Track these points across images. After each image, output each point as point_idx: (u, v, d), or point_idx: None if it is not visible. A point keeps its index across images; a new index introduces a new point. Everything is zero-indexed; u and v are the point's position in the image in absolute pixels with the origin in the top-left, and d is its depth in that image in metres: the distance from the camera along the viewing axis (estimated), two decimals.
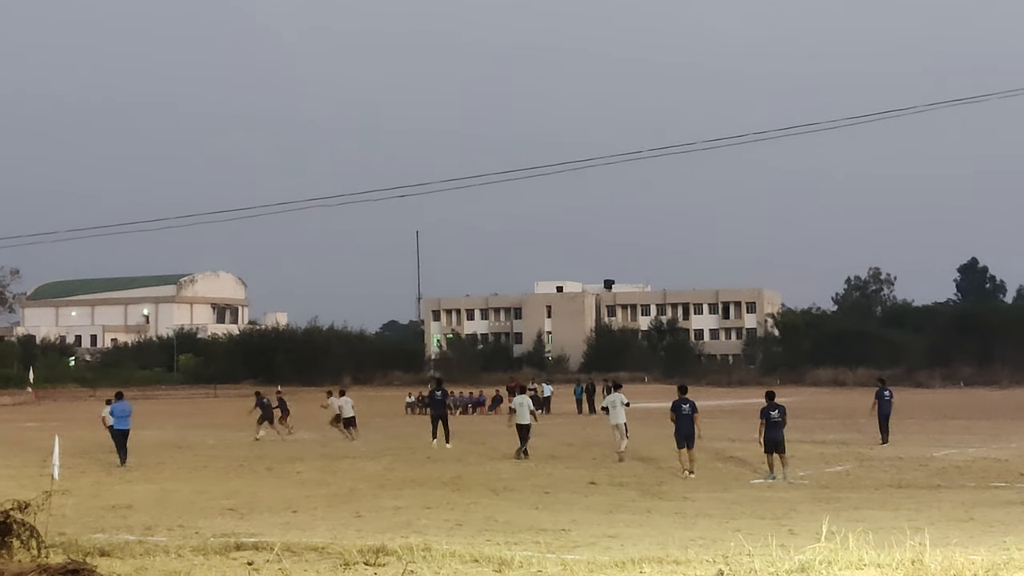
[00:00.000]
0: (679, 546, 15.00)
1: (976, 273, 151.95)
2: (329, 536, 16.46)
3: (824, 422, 48.13)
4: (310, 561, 13.89)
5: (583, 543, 15.96)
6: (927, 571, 11.10)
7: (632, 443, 32.52)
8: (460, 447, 35.51)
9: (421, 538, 15.83)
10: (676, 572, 12.10)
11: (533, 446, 33.00)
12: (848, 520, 16.64)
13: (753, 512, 19.69)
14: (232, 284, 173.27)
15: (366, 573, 13.03)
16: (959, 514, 19.09)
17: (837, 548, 12.40)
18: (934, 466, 28.25)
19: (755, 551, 12.79)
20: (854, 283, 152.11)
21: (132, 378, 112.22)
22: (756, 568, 11.85)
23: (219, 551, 14.80)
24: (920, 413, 57.15)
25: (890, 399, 36.19)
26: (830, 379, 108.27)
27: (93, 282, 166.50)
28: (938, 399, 78.83)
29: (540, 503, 21.41)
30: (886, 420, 35.56)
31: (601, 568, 12.59)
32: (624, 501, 21.64)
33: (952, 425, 46.40)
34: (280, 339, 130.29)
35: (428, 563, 13.19)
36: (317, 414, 45.77)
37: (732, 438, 37.07)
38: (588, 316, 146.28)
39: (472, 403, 66.97)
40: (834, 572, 11.44)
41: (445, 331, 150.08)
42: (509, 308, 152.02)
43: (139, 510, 20.82)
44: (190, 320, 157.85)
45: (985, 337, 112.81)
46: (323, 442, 39.01)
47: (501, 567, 12.95)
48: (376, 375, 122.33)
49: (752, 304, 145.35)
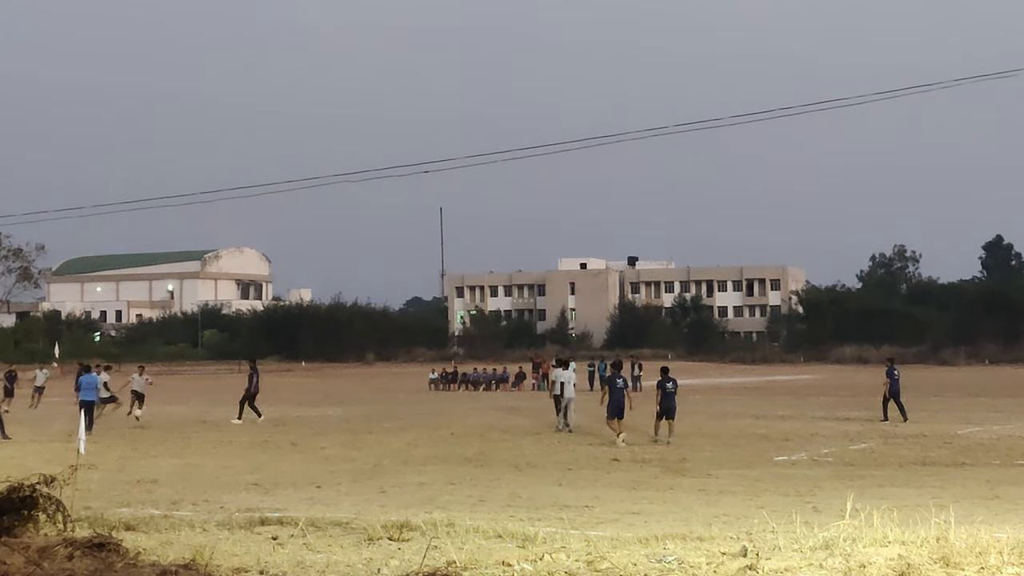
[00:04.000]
0: (702, 523, 14.99)
1: (1001, 250, 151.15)
2: (353, 511, 16.51)
3: (847, 399, 47.99)
4: (334, 536, 13.92)
5: (606, 519, 15.96)
6: (952, 549, 11.05)
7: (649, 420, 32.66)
8: (482, 423, 35.55)
9: (444, 514, 15.86)
10: (700, 548, 12.08)
11: (552, 422, 33.00)
12: (872, 498, 16.59)
13: (777, 489, 19.66)
14: (256, 260, 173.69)
15: (390, 548, 13.06)
16: (984, 492, 19.02)
17: (861, 525, 12.37)
18: (959, 444, 28.15)
19: (779, 528, 12.75)
20: (879, 260, 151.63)
21: (156, 353, 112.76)
22: (780, 545, 11.82)
23: (244, 526, 14.86)
24: (945, 391, 56.96)
25: (898, 378, 36.07)
26: (854, 356, 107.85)
27: (118, 258, 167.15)
28: (963, 377, 78.52)
29: (563, 479, 21.42)
30: (898, 398, 35.52)
31: (624, 544, 12.58)
32: (647, 478, 21.63)
33: (977, 403, 46.22)
34: (304, 315, 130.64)
35: (452, 538, 13.21)
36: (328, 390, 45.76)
37: (756, 415, 37.02)
38: (612, 293, 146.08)
39: (495, 379, 67.07)
40: (858, 549, 11.40)
41: (469, 308, 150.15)
42: (532, 285, 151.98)
43: (164, 485, 20.92)
44: (214, 296, 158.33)
45: (1010, 314, 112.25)
46: (347, 418, 39.11)
47: (524, 543, 12.96)
48: (400, 351, 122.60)
49: (776, 281, 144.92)
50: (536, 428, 33.61)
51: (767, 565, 10.93)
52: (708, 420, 36.32)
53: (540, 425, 34.68)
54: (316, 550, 12.98)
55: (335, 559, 12.39)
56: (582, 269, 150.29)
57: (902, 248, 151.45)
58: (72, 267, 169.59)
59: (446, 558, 11.86)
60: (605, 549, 12.22)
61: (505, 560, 11.74)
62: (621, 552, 12.02)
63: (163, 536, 14.03)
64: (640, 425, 29.74)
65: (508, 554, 12.13)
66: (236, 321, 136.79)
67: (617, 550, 12.17)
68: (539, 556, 11.97)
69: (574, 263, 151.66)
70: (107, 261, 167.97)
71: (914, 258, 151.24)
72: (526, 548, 12.60)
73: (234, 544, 13.36)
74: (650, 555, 11.79)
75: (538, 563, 11.64)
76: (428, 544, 12.53)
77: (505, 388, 65.05)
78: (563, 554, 12.08)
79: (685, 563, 11.33)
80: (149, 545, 13.06)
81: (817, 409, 41.42)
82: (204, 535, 14.07)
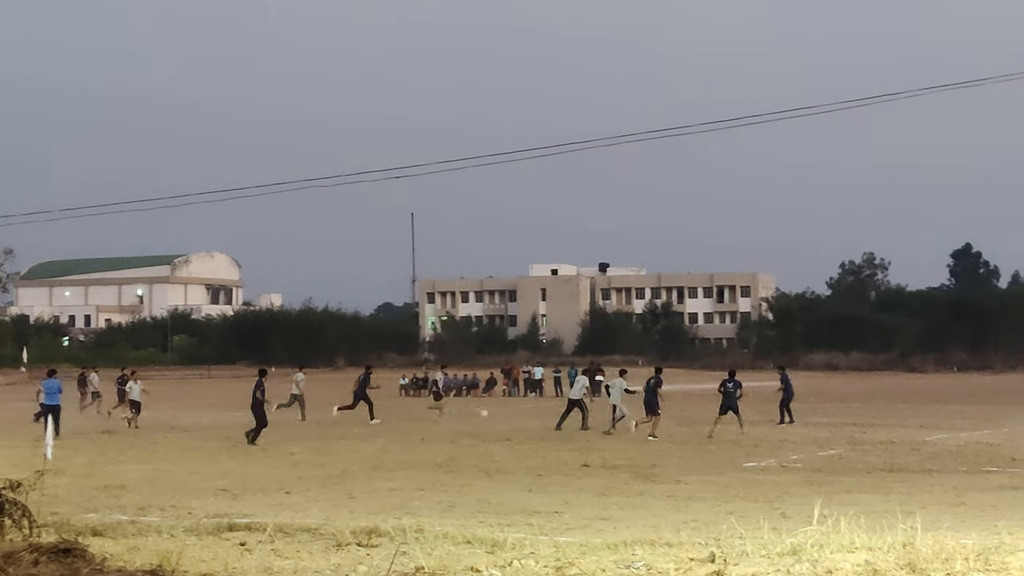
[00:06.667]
0: (671, 528, 15.01)
1: (970, 258, 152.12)
2: (322, 517, 16.46)
3: (817, 406, 48.15)
4: (303, 542, 13.88)
5: (576, 525, 15.97)
6: (918, 555, 11.10)
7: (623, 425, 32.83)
8: (453, 429, 35.52)
9: (414, 519, 15.84)
10: (668, 554, 12.10)
11: (523, 428, 33.04)
12: (840, 503, 16.65)
13: (746, 495, 19.72)
14: (226, 265, 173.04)
15: (359, 554, 13.03)
16: (951, 498, 19.12)
17: (829, 531, 12.41)
18: (926, 450, 28.30)
19: (747, 534, 12.80)
20: (848, 267, 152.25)
21: (126, 358, 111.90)
22: (748, 551, 11.85)
23: (211, 531, 14.80)
24: (913, 397, 57.30)
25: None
26: (823, 363, 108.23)
27: (87, 262, 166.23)
28: (931, 384, 78.97)
29: (533, 485, 21.43)
30: (788, 403, 37.28)
31: (593, 550, 12.59)
32: (617, 483, 21.65)
33: (945, 410, 46.49)
34: (274, 320, 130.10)
35: (421, 544, 13.19)
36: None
37: (726, 421, 37.08)
38: (583, 299, 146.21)
39: (466, 385, 67.02)
40: (825, 555, 11.45)
41: (440, 313, 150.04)
42: (504, 291, 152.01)
43: (132, 490, 20.81)
44: (184, 301, 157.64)
45: (978, 322, 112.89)
46: (317, 423, 39.00)
47: (494, 549, 12.96)
48: (370, 357, 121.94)
49: (746, 288, 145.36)
50: (507, 434, 33.59)
51: (735, 571, 10.96)
52: (678, 426, 36.41)
53: (511, 431, 34.67)
54: (284, 556, 12.93)
55: (303, 565, 12.35)
56: (553, 275, 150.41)
57: (871, 255, 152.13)
58: (41, 271, 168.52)
59: (415, 564, 11.84)
60: (574, 555, 12.23)
61: (474, 566, 11.73)
62: (590, 558, 12.04)
63: (130, 542, 13.95)
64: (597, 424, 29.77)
65: (477, 560, 12.13)
66: (206, 326, 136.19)
67: (586, 556, 12.18)
68: (508, 562, 11.97)
69: (545, 269, 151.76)
70: (76, 265, 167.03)
71: (883, 265, 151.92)
72: (495, 554, 12.60)
73: (201, 550, 13.30)
74: (619, 561, 11.81)
75: (507, 569, 11.64)
76: (397, 550, 12.50)
77: (476, 394, 65.02)
78: (532, 560, 12.08)
79: (653, 569, 11.35)
80: (116, 551, 12.98)
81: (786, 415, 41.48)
82: (171, 541, 14.00)
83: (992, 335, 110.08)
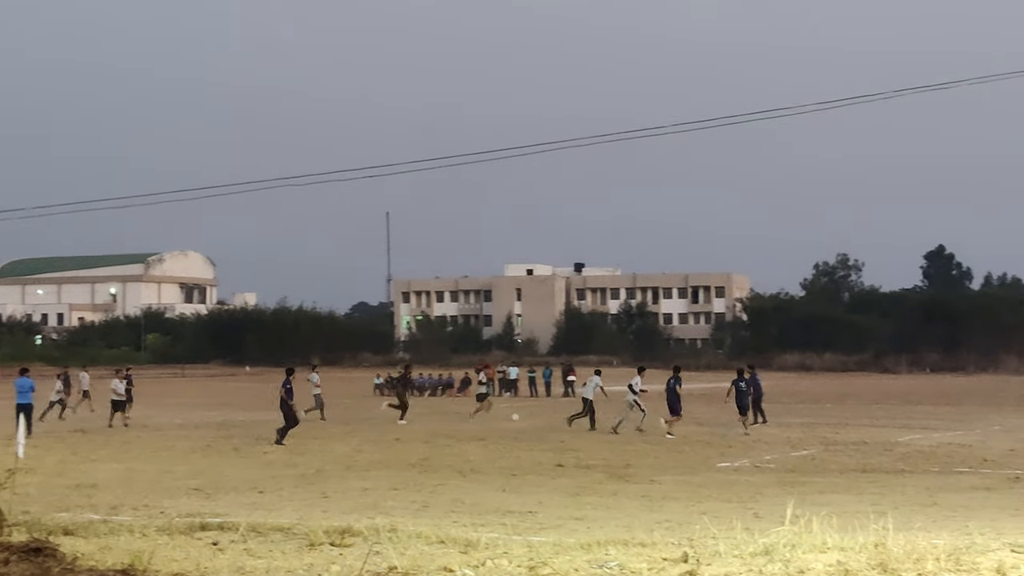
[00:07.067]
0: (645, 529, 15.02)
1: (943, 260, 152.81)
2: (295, 516, 16.42)
3: (791, 406, 48.33)
4: (275, 541, 13.84)
5: (549, 525, 15.98)
6: (890, 555, 11.14)
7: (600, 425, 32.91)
8: (427, 428, 35.50)
9: (387, 519, 15.82)
10: (641, 554, 12.11)
11: (497, 428, 33.05)
12: (813, 504, 16.70)
13: (719, 495, 19.77)
14: (200, 263, 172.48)
15: (331, 554, 13.00)
16: (923, 499, 19.21)
17: (801, 532, 12.44)
18: (899, 451, 28.43)
19: (720, 534, 12.82)
20: (822, 268, 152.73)
21: (99, 357, 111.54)
22: (721, 551, 11.87)
23: (184, 531, 14.74)
24: (886, 398, 57.55)
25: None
26: (797, 364, 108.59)
27: (60, 260, 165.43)
28: (904, 384, 79.32)
29: (507, 485, 21.43)
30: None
31: (566, 550, 12.59)
32: (591, 483, 21.68)
33: (917, 411, 46.71)
34: (249, 319, 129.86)
35: (394, 544, 13.17)
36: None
37: (700, 422, 37.21)
38: (558, 299, 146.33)
39: (441, 385, 67.00)
40: (798, 555, 11.47)
41: (415, 313, 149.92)
42: (479, 290, 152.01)
43: (104, 489, 20.72)
44: (158, 299, 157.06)
45: (951, 324, 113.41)
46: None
47: (467, 548, 12.95)
48: (345, 356, 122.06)
49: (721, 288, 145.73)
50: (481, 433, 33.59)
51: (707, 571, 10.98)
52: (652, 426, 36.44)
53: (485, 430, 34.68)
54: (257, 556, 12.89)
55: (276, 565, 12.31)
56: (528, 275, 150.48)
57: (845, 257, 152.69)
58: (13, 269, 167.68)
59: (388, 563, 11.82)
60: (547, 555, 12.23)
61: (447, 566, 11.72)
62: (563, 558, 12.04)
63: (102, 541, 13.89)
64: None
65: (450, 560, 12.12)
66: (180, 325, 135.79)
67: (559, 556, 12.18)
68: (481, 562, 11.96)
69: (521, 269, 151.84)
70: (49, 263, 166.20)
71: (857, 267, 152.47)
72: (468, 554, 12.59)
73: (173, 549, 13.25)
74: (592, 561, 11.81)
75: (480, 569, 11.63)
76: (370, 550, 12.48)
77: (451, 394, 65.00)
78: (505, 560, 12.08)
79: (626, 569, 11.36)
80: (87, 550, 12.92)
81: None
82: (143, 540, 13.94)
83: (965, 336, 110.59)
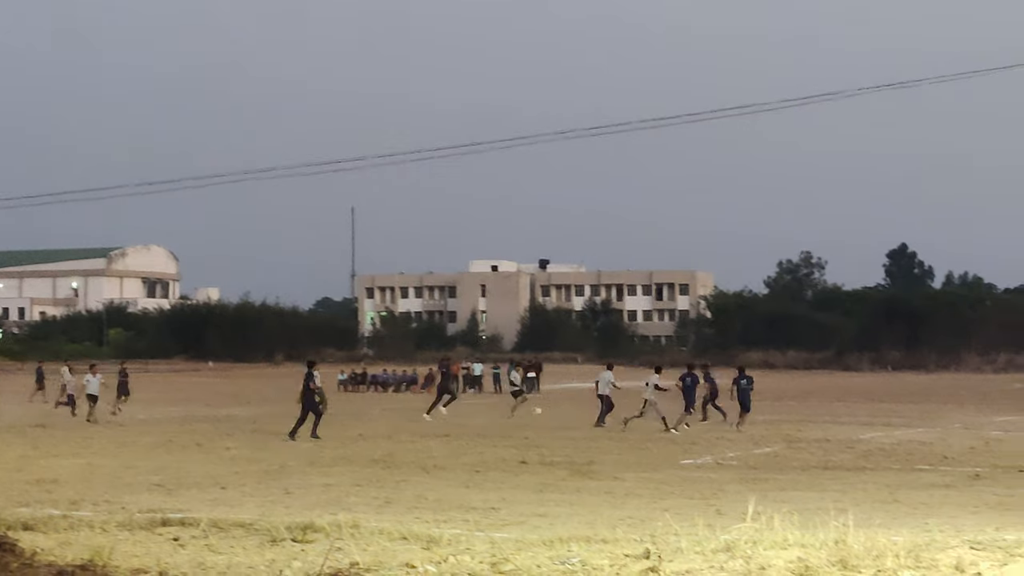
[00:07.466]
0: (607, 525, 15.06)
1: (905, 258, 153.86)
2: (257, 512, 16.37)
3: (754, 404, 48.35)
4: (237, 537, 13.80)
5: (512, 521, 15.99)
6: (850, 551, 11.22)
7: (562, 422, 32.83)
8: (390, 425, 35.46)
9: (350, 515, 15.78)
10: (603, 551, 12.15)
11: (461, 424, 33.05)
12: (774, 501, 16.78)
13: (682, 492, 19.83)
14: (163, 258, 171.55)
15: (293, 549, 12.97)
16: (883, 496, 19.32)
17: (762, 528, 12.51)
18: (860, 448, 28.59)
19: (682, 531, 12.86)
20: (785, 266, 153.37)
21: (61, 352, 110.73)
22: (683, 547, 11.92)
23: (145, 526, 14.68)
24: (848, 396, 57.92)
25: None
26: (760, 361, 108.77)
27: (21, 254, 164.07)
28: (866, 382, 79.83)
29: (470, 481, 21.43)
30: (706, 402, 36.93)
31: (529, 546, 12.61)
32: (554, 480, 21.70)
33: (879, 408, 46.98)
34: (212, 314, 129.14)
35: (356, 540, 13.16)
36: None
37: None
38: (522, 296, 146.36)
39: (405, 381, 66.94)
40: (759, 552, 11.54)
41: (379, 308, 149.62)
42: (443, 286, 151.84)
43: (65, 485, 20.59)
44: (120, 294, 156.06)
45: (913, 322, 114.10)
46: (254, 418, 38.75)
47: (429, 545, 12.95)
48: (309, 352, 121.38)
49: (685, 286, 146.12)
50: (445, 430, 33.57)
51: (669, 567, 11.02)
52: (616, 423, 36.52)
53: (448, 427, 34.66)
54: (218, 551, 12.85)
55: (237, 560, 12.28)
56: (493, 271, 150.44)
57: (808, 254, 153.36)
58: None
59: (349, 559, 11.81)
60: (509, 551, 12.25)
61: (409, 562, 11.72)
62: (525, 554, 12.06)
63: (62, 536, 13.82)
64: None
65: (412, 556, 12.12)
66: (142, 320, 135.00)
67: (521, 552, 12.20)
68: (443, 558, 11.97)
69: (485, 265, 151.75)
70: (10, 257, 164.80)
71: (820, 264, 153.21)
72: (431, 550, 12.60)
73: (134, 545, 13.20)
74: (554, 557, 11.84)
75: (442, 565, 11.64)
76: (331, 545, 12.46)
77: (415, 390, 64.91)
78: (467, 556, 12.09)
79: (588, 565, 11.39)
80: (47, 545, 12.86)
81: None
82: (104, 535, 13.87)
83: (926, 335, 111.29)
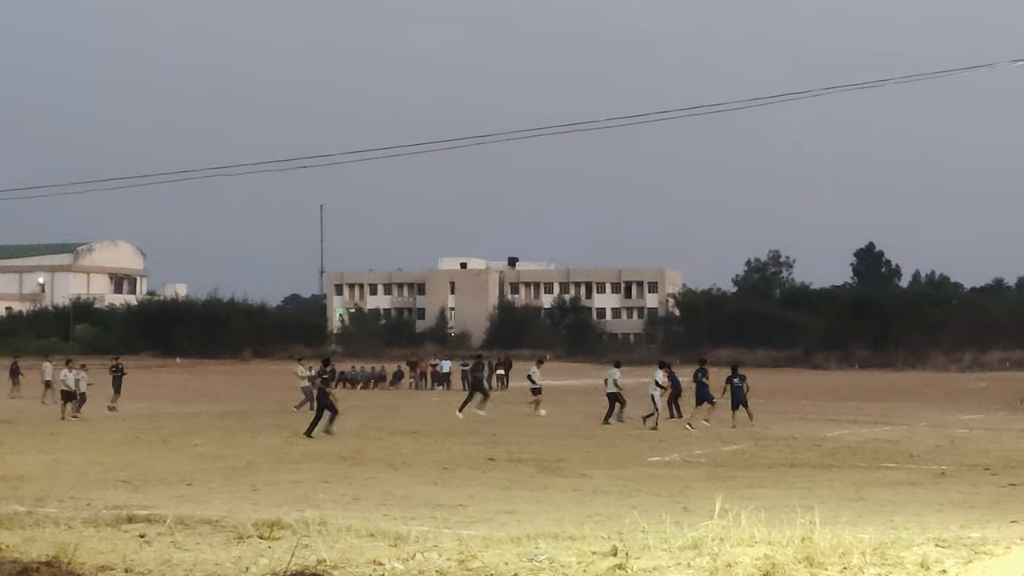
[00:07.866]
0: (575, 522, 15.07)
1: (872, 257, 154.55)
2: (224, 509, 16.32)
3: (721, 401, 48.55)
4: (203, 534, 13.76)
5: (480, 519, 16.00)
6: (816, 549, 11.26)
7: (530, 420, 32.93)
8: (359, 421, 35.39)
9: (317, 512, 15.75)
10: (571, 548, 12.16)
11: (429, 421, 33.02)
12: (742, 498, 16.83)
13: (649, 489, 19.87)
14: (131, 254, 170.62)
15: (260, 546, 12.93)
16: (850, 493, 19.42)
17: (730, 526, 12.54)
18: (827, 446, 28.72)
19: (649, 528, 12.88)
20: (754, 265, 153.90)
21: (27, 347, 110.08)
22: (650, 544, 11.94)
23: (110, 523, 14.61)
24: (816, 394, 58.19)
25: (741, 384, 36.55)
26: (729, 359, 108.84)
27: None
28: (834, 380, 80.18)
29: (438, 478, 21.42)
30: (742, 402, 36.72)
31: (496, 543, 12.61)
32: (522, 477, 21.72)
33: (846, 406, 47.22)
34: (179, 310, 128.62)
35: (323, 537, 13.13)
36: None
37: (631, 416, 37.34)
38: (491, 293, 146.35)
39: (373, 378, 66.86)
40: (726, 549, 11.57)
41: (348, 306, 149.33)
42: (412, 284, 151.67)
43: (30, 481, 20.47)
44: (87, 290, 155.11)
45: (880, 321, 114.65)
46: (221, 415, 38.61)
47: (397, 542, 12.93)
48: (277, 349, 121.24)
49: (654, 284, 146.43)
50: (413, 427, 33.54)
51: (636, 564, 11.04)
52: (585, 420, 36.64)
53: (417, 423, 34.62)
54: (184, 548, 12.80)
55: (203, 557, 12.23)
56: (462, 269, 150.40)
57: (776, 253, 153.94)
58: None
59: (316, 556, 11.78)
60: (477, 548, 12.25)
61: (376, 559, 11.70)
62: (493, 551, 12.06)
63: (27, 533, 13.74)
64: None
65: (380, 553, 12.10)
66: (109, 315, 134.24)
67: (489, 549, 12.20)
68: (411, 555, 11.96)
69: (454, 263, 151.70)
70: None
71: (788, 263, 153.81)
72: (398, 547, 12.58)
73: (99, 541, 13.13)
74: (521, 554, 11.85)
75: (409, 562, 11.62)
76: (297, 542, 12.43)
77: (383, 387, 64.89)
78: (435, 553, 12.08)
79: (556, 562, 11.40)
80: (12, 542, 12.79)
81: (691, 410, 41.88)
82: (69, 532, 13.80)
83: (893, 333, 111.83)
